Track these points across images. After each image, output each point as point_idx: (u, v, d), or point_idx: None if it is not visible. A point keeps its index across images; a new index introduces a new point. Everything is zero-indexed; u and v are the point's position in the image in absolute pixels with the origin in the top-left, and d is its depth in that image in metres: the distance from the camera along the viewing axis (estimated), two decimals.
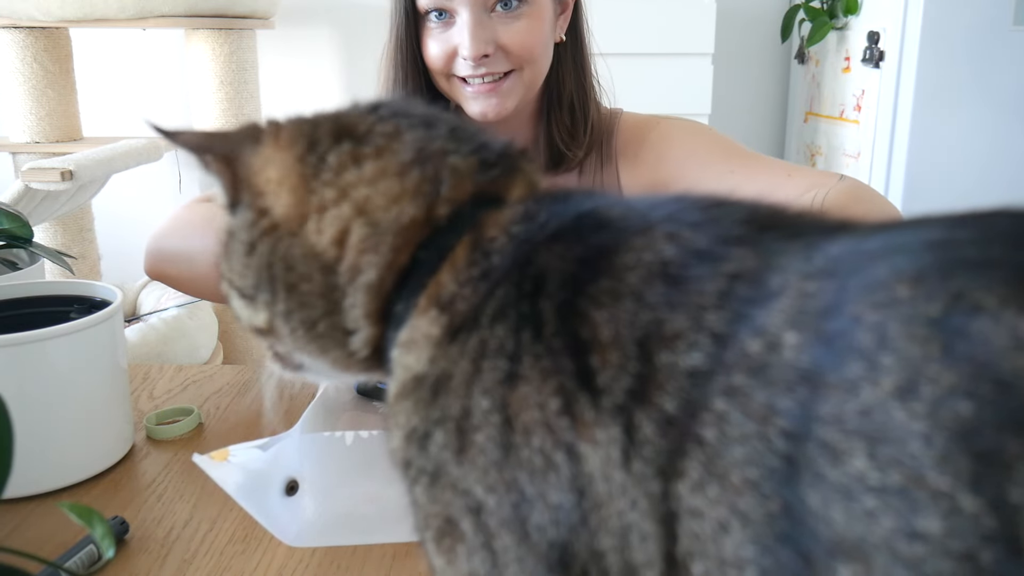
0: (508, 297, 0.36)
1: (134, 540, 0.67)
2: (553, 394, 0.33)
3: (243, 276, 0.43)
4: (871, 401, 0.26)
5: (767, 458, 0.28)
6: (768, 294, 0.31)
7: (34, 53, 2.12)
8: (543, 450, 0.33)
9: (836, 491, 0.26)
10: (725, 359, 0.30)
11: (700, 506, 0.29)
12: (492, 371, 0.35)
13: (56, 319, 0.75)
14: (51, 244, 2.15)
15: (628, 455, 0.31)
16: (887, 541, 0.25)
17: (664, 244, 0.34)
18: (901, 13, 1.96)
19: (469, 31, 0.91)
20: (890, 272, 0.29)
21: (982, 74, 1.95)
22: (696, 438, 0.30)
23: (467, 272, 0.38)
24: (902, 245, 0.30)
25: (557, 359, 0.33)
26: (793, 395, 0.28)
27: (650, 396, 0.31)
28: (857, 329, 0.28)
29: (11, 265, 0.92)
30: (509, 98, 0.96)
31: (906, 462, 0.25)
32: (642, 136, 1.08)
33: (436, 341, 0.37)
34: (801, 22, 2.43)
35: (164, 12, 2.05)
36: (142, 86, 2.58)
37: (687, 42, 2.23)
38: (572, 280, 0.35)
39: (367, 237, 0.40)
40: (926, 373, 0.26)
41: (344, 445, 0.64)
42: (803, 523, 0.27)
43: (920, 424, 0.25)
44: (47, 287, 0.84)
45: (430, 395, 0.37)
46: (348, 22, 2.51)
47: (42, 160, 1.74)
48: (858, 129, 2.16)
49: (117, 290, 0.81)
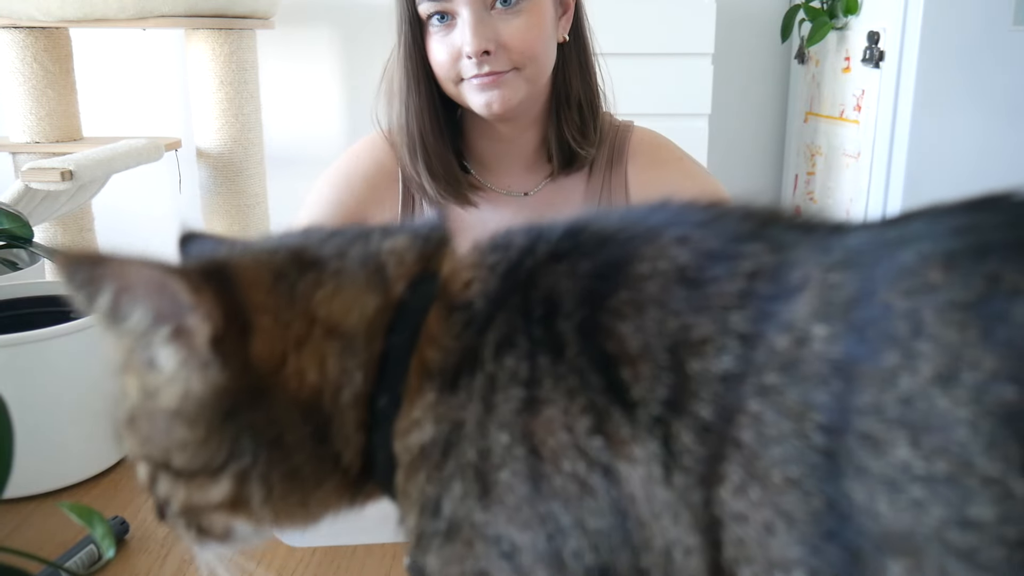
0: (512, 326, 0.35)
1: (134, 540, 0.67)
2: (582, 413, 0.32)
3: (202, 450, 0.37)
4: (911, 389, 0.26)
5: (807, 455, 0.27)
6: (790, 289, 0.30)
7: (34, 53, 2.12)
8: (577, 475, 0.31)
9: (881, 483, 0.26)
10: (755, 359, 0.29)
11: (743, 510, 0.29)
12: (507, 402, 0.33)
13: (56, 319, 0.75)
14: (51, 244, 2.15)
15: (669, 469, 0.30)
16: (938, 532, 0.25)
17: (676, 249, 0.34)
18: (901, 13, 1.96)
19: (470, 28, 0.91)
20: (918, 258, 0.28)
21: (982, 74, 1.95)
22: (734, 442, 0.29)
23: (450, 331, 0.37)
24: (925, 232, 0.30)
25: (584, 376, 0.32)
26: (828, 388, 0.27)
27: (686, 405, 0.30)
28: (889, 317, 0.27)
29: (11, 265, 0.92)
30: (512, 91, 0.96)
31: (952, 449, 0.25)
32: (661, 161, 1.09)
33: (436, 400, 0.36)
34: (801, 22, 2.43)
35: (164, 12, 2.05)
36: (142, 86, 2.58)
37: (687, 42, 2.23)
38: (590, 296, 0.34)
39: (342, 351, 0.38)
40: (967, 359, 0.25)
41: None
42: (849, 519, 0.26)
43: (964, 410, 0.25)
44: (47, 287, 0.84)
45: (441, 455, 0.35)
46: (348, 22, 2.51)
47: (42, 160, 1.74)
48: (858, 129, 2.16)
49: None
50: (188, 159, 2.43)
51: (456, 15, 0.93)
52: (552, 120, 1.05)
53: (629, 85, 1.09)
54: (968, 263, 0.27)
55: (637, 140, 1.09)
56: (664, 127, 1.20)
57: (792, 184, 2.59)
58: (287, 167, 2.59)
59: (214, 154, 2.24)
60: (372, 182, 1.09)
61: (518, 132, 1.05)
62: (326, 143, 2.58)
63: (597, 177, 1.08)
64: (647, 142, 1.10)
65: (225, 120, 2.21)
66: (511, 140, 1.06)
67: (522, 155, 1.08)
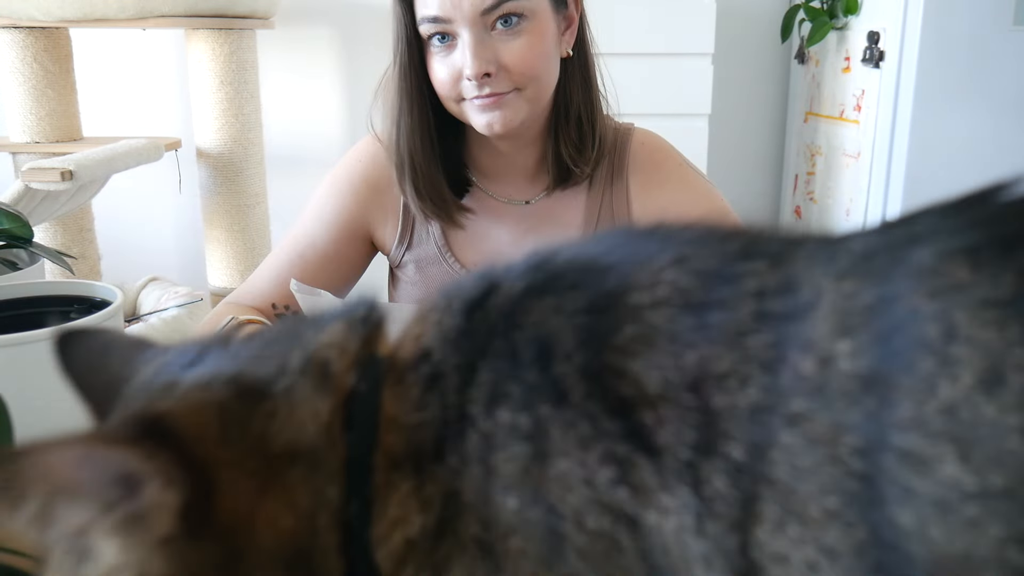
0: (500, 374, 0.31)
1: None
2: (602, 463, 0.29)
3: None
4: (952, 398, 0.24)
5: (844, 483, 0.25)
6: (804, 304, 0.28)
7: (34, 53, 2.12)
8: (602, 532, 0.28)
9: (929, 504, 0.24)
10: (780, 387, 0.27)
11: (783, 549, 0.26)
12: (511, 461, 0.30)
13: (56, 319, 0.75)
14: (51, 244, 2.15)
15: (701, 517, 0.27)
16: (997, 552, 0.23)
17: (672, 273, 0.31)
18: (901, 13, 1.96)
19: (470, 50, 0.91)
20: (937, 256, 0.26)
21: (982, 74, 1.95)
22: (767, 479, 0.26)
23: (409, 402, 0.33)
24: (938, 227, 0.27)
25: (597, 423, 0.29)
26: (859, 407, 0.25)
27: (715, 446, 0.27)
28: (917, 322, 0.25)
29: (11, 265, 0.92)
30: (513, 112, 0.96)
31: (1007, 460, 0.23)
32: (661, 168, 1.08)
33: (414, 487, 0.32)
34: (801, 22, 2.43)
35: (164, 12, 2.05)
36: (142, 86, 2.58)
37: (687, 42, 2.23)
38: (590, 334, 0.30)
39: (308, 473, 0.33)
40: (1011, 361, 0.23)
41: None
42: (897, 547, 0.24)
43: (1015, 417, 0.23)
44: (47, 287, 0.84)
45: (433, 541, 0.31)
46: (348, 22, 2.51)
47: (42, 160, 1.74)
48: (858, 129, 2.16)
49: (117, 290, 0.81)
50: (188, 159, 2.43)
51: (456, 36, 0.92)
52: (551, 136, 1.04)
53: (629, 85, 1.09)
54: (995, 257, 0.25)
55: (637, 146, 1.09)
56: (664, 127, 1.20)
57: (792, 184, 2.59)
58: (287, 167, 2.59)
59: (214, 154, 2.24)
60: (375, 186, 1.09)
61: (519, 148, 1.05)
62: (326, 143, 2.58)
63: (597, 188, 1.08)
64: (647, 149, 1.09)
65: (225, 120, 2.21)
66: (512, 154, 1.06)
67: (523, 168, 1.08)
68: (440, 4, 0.90)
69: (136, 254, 2.64)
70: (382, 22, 1.01)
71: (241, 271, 2.30)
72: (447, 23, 0.91)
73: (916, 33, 1.93)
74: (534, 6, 0.93)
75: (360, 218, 1.10)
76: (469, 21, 0.90)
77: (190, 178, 2.49)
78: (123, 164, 1.93)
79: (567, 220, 1.08)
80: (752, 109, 2.66)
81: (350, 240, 1.10)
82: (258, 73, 2.29)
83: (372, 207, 1.10)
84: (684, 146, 1.14)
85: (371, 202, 1.10)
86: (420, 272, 1.10)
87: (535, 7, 0.93)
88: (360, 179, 1.10)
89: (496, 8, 0.90)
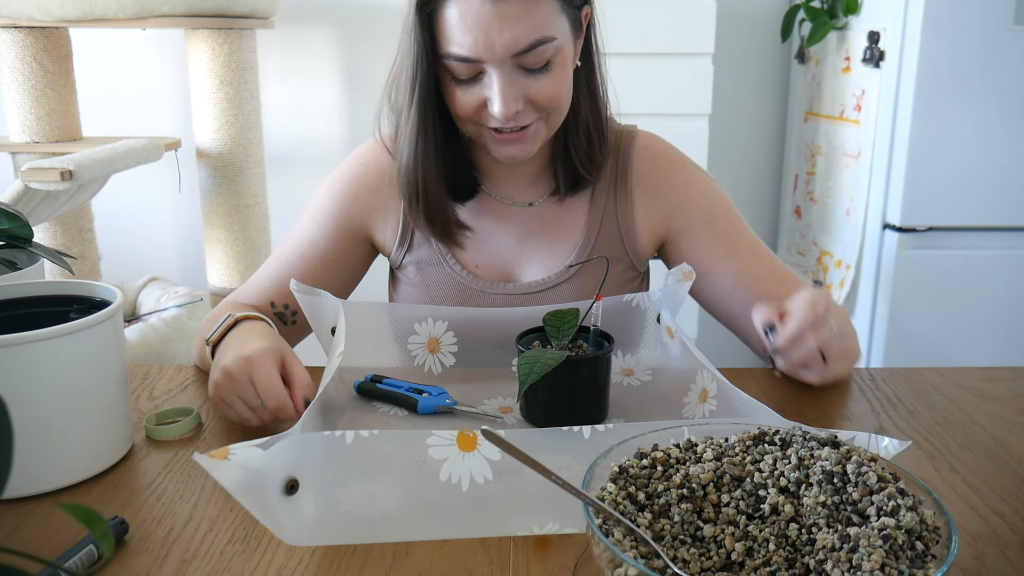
0: None
1: (134, 540, 0.67)
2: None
3: None
4: None
5: None
6: None
7: (34, 53, 2.12)
8: None
9: None
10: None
11: None
12: None
13: (56, 319, 0.75)
14: (51, 244, 2.15)
15: None
16: None
17: None
18: (901, 13, 1.96)
19: (500, 91, 0.90)
20: None
21: (982, 74, 1.95)
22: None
23: None
24: None
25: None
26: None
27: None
28: None
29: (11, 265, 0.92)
30: (534, 143, 0.97)
31: None
32: (665, 170, 1.09)
33: None
34: (801, 22, 2.43)
35: (164, 12, 2.05)
36: (142, 86, 2.58)
37: (687, 42, 2.23)
38: None
39: None
40: None
41: (344, 445, 0.64)
42: None
43: None
44: (47, 287, 0.84)
45: None
46: (348, 22, 2.51)
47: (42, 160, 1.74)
48: (858, 129, 2.16)
49: (117, 290, 0.81)
50: (188, 159, 2.43)
51: (484, 72, 0.91)
52: (559, 146, 1.05)
53: (629, 85, 1.09)
54: None
55: (641, 149, 1.09)
56: (664, 127, 1.20)
57: (792, 184, 2.59)
58: (287, 167, 2.59)
59: (214, 154, 2.24)
60: (376, 189, 1.09)
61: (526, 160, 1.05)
62: (326, 143, 2.58)
63: (601, 192, 1.08)
64: (651, 153, 1.09)
65: (225, 120, 2.21)
66: (519, 165, 1.06)
67: (527, 172, 1.08)
68: (472, 46, 0.88)
69: (136, 254, 2.64)
70: (382, 22, 1.01)
71: (241, 271, 2.30)
72: (477, 63, 0.90)
73: (916, 33, 1.93)
74: (560, 41, 0.92)
75: (360, 221, 1.10)
76: (499, 62, 0.89)
77: (190, 178, 2.49)
78: (123, 164, 1.93)
79: (570, 223, 1.08)
80: (752, 109, 2.66)
81: (350, 242, 1.10)
82: (258, 73, 2.29)
83: (372, 210, 1.10)
84: (684, 146, 1.14)
85: (371, 205, 1.10)
86: (421, 274, 1.10)
87: (561, 41, 0.92)
88: (361, 183, 1.10)
89: (529, 51, 0.89)
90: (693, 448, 0.62)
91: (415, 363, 0.99)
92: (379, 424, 0.88)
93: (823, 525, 0.54)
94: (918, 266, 2.06)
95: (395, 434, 0.66)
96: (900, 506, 0.53)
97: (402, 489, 0.67)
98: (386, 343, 1.00)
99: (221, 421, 0.89)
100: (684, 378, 0.90)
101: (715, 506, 0.57)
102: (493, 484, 0.66)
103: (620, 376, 0.98)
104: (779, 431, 0.63)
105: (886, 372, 1.03)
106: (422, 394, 0.90)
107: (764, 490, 0.58)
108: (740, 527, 0.56)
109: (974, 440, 0.84)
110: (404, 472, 0.66)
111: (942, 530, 0.52)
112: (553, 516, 0.67)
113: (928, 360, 2.09)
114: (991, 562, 0.64)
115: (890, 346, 2.11)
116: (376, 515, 0.67)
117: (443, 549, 0.65)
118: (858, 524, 0.53)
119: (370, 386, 0.94)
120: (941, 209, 2.04)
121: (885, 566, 0.48)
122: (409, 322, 0.98)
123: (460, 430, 0.66)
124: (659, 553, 0.52)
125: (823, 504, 0.55)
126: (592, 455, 0.61)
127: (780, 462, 0.59)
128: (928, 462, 0.80)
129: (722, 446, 0.62)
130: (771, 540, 0.54)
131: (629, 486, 0.58)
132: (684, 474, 0.59)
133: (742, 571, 0.53)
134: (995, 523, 0.69)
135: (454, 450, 0.66)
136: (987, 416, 0.90)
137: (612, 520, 0.54)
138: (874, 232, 2.11)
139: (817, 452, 0.59)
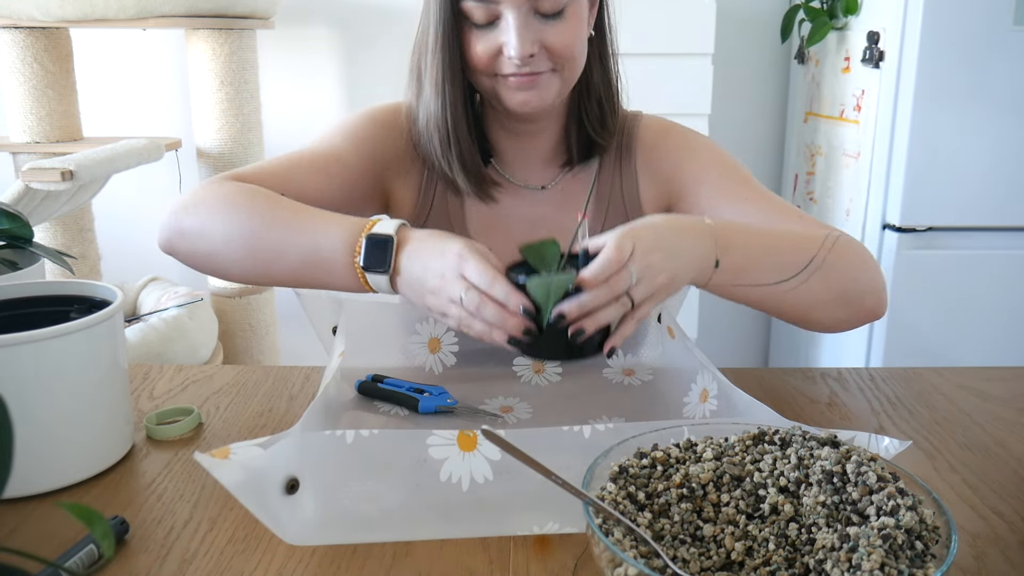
0: None
1: (134, 540, 0.67)
2: None
3: None
4: None
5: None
6: None
7: (34, 53, 2.12)
8: None
9: None
10: None
11: None
12: None
13: (56, 319, 0.75)
14: (51, 244, 2.15)
15: None
16: None
17: None
18: (901, 13, 1.96)
19: (516, 32, 0.91)
20: None
21: (982, 74, 1.95)
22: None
23: None
24: None
25: None
26: None
27: None
28: None
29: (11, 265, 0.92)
30: (547, 91, 0.97)
31: None
32: (664, 141, 1.10)
33: None
34: (801, 22, 2.43)
35: (164, 12, 2.05)
36: (142, 86, 2.58)
37: (687, 42, 2.23)
38: None
39: None
40: None
41: (344, 444, 0.64)
42: None
43: None
44: (47, 287, 0.84)
45: None
46: (348, 22, 2.51)
47: (42, 160, 1.74)
48: (858, 129, 2.16)
49: (117, 290, 0.81)
50: (188, 159, 2.43)
51: (500, 16, 0.93)
52: (572, 114, 1.06)
53: (629, 85, 1.10)
54: None
55: (644, 129, 1.10)
56: None
57: (792, 184, 2.59)
58: None
59: (214, 154, 2.24)
60: (407, 147, 1.07)
61: (539, 128, 1.06)
62: None
63: (607, 173, 1.09)
64: (652, 130, 1.11)
65: (225, 120, 2.21)
66: (531, 135, 1.07)
67: (540, 149, 1.09)
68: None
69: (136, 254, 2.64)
70: (382, 22, 1.01)
71: None
72: (494, 4, 0.92)
73: (916, 33, 1.93)
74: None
75: (390, 165, 1.07)
76: (517, 4, 0.91)
77: (190, 178, 2.49)
78: (123, 164, 1.94)
79: (579, 206, 1.09)
80: (752, 109, 2.66)
81: (372, 182, 1.06)
82: (258, 73, 2.29)
83: (400, 164, 1.08)
84: None
85: (400, 158, 1.08)
86: None
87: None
88: (397, 132, 1.07)
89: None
90: (693, 448, 0.62)
91: (416, 363, 0.99)
92: (380, 424, 0.88)
93: (823, 525, 0.54)
94: (918, 266, 2.06)
95: (396, 434, 0.66)
96: (900, 506, 0.53)
97: (402, 489, 0.67)
98: (387, 343, 1.00)
99: (221, 421, 0.89)
100: (685, 378, 0.90)
101: (715, 506, 0.57)
102: (493, 484, 0.66)
103: (621, 376, 0.98)
104: (779, 431, 0.63)
105: (886, 372, 1.03)
106: (423, 394, 0.90)
107: (764, 490, 0.58)
108: (740, 527, 0.56)
109: (974, 440, 0.84)
110: (404, 472, 0.66)
111: (942, 530, 0.53)
112: (553, 516, 0.67)
113: (928, 360, 2.09)
114: (991, 562, 0.64)
115: (890, 346, 2.11)
116: (376, 515, 0.67)
117: (443, 549, 0.65)
118: (858, 524, 0.53)
119: (371, 386, 0.94)
120: (941, 209, 2.04)
121: (885, 566, 0.48)
122: (410, 321, 0.98)
123: (460, 430, 0.66)
124: (659, 553, 0.52)
125: (823, 504, 0.55)
126: (592, 455, 0.61)
127: (780, 462, 0.59)
128: (928, 462, 0.80)
129: (722, 446, 0.62)
130: (771, 540, 0.54)
131: (629, 486, 0.59)
132: (684, 474, 0.59)
133: (742, 571, 0.53)
134: (995, 523, 0.69)
135: (454, 450, 0.66)
136: (987, 416, 0.90)
137: (612, 520, 0.55)
138: (874, 232, 2.11)
139: (817, 452, 0.59)
